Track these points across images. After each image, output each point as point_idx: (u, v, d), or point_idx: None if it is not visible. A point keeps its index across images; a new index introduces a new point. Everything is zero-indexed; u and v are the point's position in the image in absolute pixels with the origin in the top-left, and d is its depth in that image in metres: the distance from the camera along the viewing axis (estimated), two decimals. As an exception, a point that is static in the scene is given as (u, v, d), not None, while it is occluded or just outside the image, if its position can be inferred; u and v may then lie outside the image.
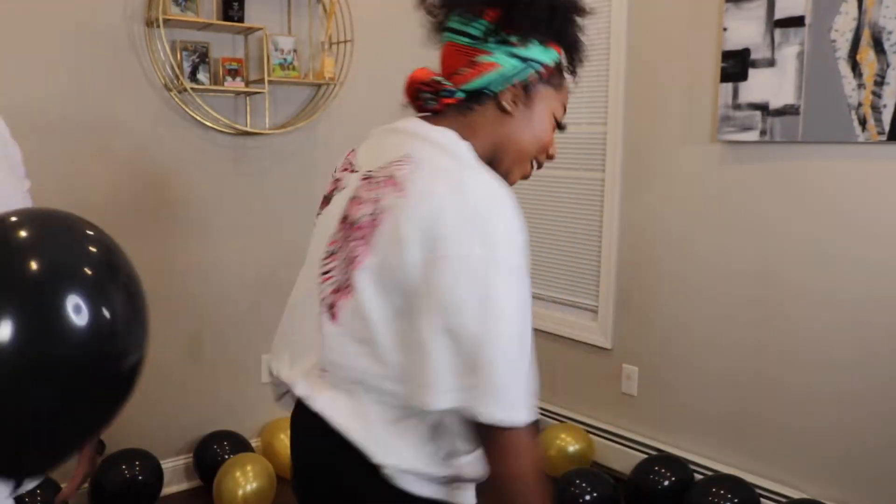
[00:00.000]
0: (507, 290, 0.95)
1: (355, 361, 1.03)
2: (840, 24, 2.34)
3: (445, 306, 0.93)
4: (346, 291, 1.03)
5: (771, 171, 2.60)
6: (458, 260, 0.94)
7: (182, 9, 2.71)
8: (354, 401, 1.04)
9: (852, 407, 2.46)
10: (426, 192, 0.97)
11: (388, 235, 0.98)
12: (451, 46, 1.11)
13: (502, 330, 0.95)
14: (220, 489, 2.70)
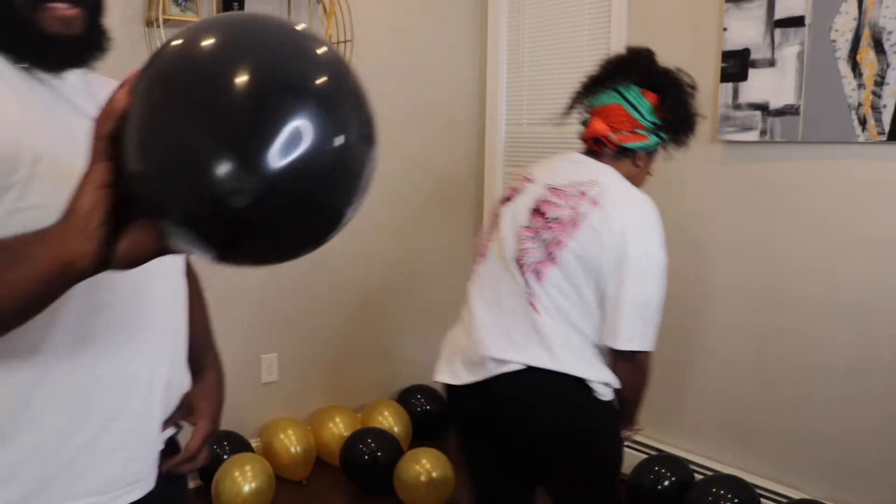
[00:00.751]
0: (664, 277, 1.65)
1: (566, 307, 1.61)
2: (840, 24, 2.34)
3: (640, 285, 1.59)
4: (549, 262, 1.61)
5: (771, 171, 2.60)
6: (646, 257, 1.61)
7: (182, 9, 2.71)
8: (566, 343, 1.61)
9: (852, 407, 2.46)
10: (618, 208, 1.62)
11: (588, 232, 1.58)
12: (621, 109, 1.73)
13: (660, 301, 1.66)
14: (220, 489, 2.70)
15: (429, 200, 3.58)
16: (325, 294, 3.30)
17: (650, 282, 1.60)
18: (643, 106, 1.71)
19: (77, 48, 0.99)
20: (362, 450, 2.93)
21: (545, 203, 1.66)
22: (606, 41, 3.09)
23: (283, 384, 3.22)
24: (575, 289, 1.60)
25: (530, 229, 1.65)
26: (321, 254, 2.78)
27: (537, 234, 1.63)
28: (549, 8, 3.34)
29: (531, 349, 1.61)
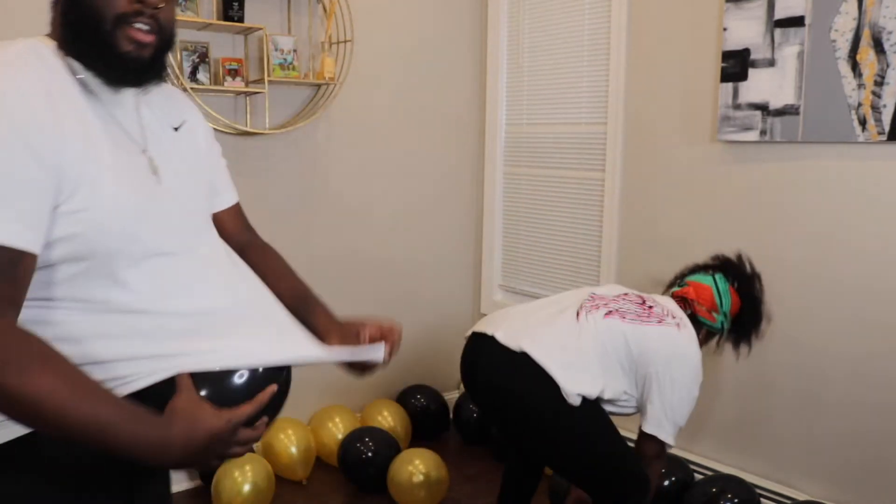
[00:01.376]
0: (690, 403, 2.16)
1: (605, 343, 2.05)
2: (840, 24, 2.34)
3: (670, 393, 2.08)
4: (621, 317, 2.08)
5: (771, 171, 2.60)
6: (680, 379, 2.10)
7: (182, 9, 2.71)
8: (569, 357, 2.02)
9: (852, 407, 2.46)
10: (686, 338, 2.09)
11: (664, 331, 2.06)
12: (710, 291, 2.19)
13: (680, 416, 2.12)
14: (219, 489, 2.69)
15: (428, 200, 3.59)
16: (325, 294, 3.29)
17: (680, 395, 2.08)
18: (727, 299, 2.18)
19: (142, 71, 1.06)
20: (360, 449, 2.93)
21: (647, 297, 2.18)
22: (606, 41, 3.09)
23: (283, 384, 3.21)
24: (620, 345, 2.02)
25: (629, 296, 2.16)
26: (321, 254, 2.81)
27: (632, 301, 2.12)
28: (549, 9, 3.34)
29: (538, 344, 2.00)
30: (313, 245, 3.23)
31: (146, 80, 1.08)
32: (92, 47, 1.01)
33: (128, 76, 1.05)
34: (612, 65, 3.06)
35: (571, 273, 3.33)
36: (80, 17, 1.01)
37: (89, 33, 1.01)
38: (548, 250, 3.40)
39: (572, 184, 3.28)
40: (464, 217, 3.71)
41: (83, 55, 1.02)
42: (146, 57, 1.05)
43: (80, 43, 1.02)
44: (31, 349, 0.91)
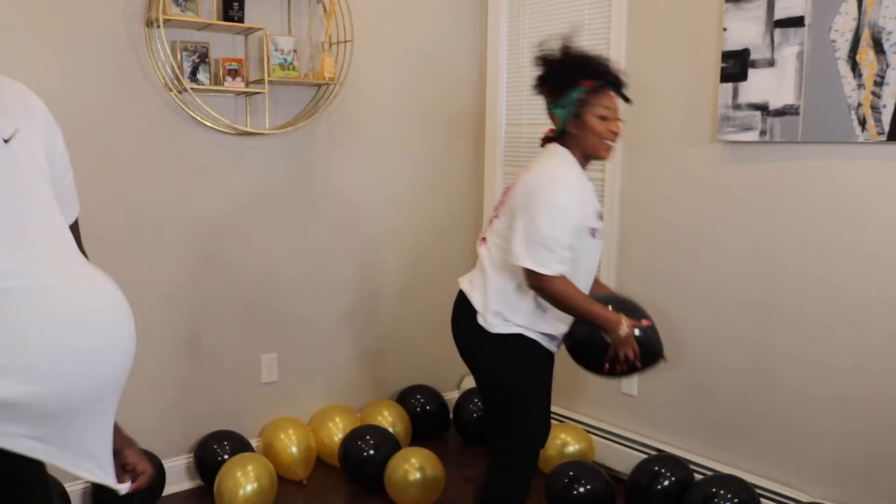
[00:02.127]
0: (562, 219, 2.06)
1: (497, 245, 2.18)
2: (840, 25, 2.34)
3: (531, 220, 2.04)
4: (496, 216, 2.23)
5: (771, 171, 2.60)
6: (542, 201, 2.04)
7: (182, 9, 2.71)
8: (481, 274, 2.22)
9: (853, 407, 2.46)
10: (529, 180, 2.12)
11: (517, 187, 2.15)
12: (549, 111, 2.20)
13: (553, 235, 2.05)
14: (221, 489, 2.70)
15: (428, 201, 3.59)
16: (325, 294, 3.30)
17: (541, 218, 2.02)
18: (547, 106, 2.22)
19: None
20: (360, 447, 2.93)
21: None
22: (606, 41, 3.09)
23: (283, 384, 3.22)
24: (507, 229, 2.12)
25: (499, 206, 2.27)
26: (321, 254, 2.81)
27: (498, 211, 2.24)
28: (549, 8, 3.34)
29: (469, 277, 2.26)
30: (313, 245, 3.24)
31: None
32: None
33: None
34: (612, 65, 3.06)
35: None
36: None
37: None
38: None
39: (572, 184, 3.28)
40: (464, 217, 3.71)
41: None
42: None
43: None
44: None
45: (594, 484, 2.69)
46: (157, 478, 2.79)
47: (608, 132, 2.11)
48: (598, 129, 2.09)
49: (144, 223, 2.81)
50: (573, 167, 2.12)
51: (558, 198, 2.03)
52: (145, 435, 2.89)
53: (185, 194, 2.88)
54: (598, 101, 2.10)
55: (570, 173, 2.10)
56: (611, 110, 2.12)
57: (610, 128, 2.11)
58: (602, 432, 3.19)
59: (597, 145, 2.11)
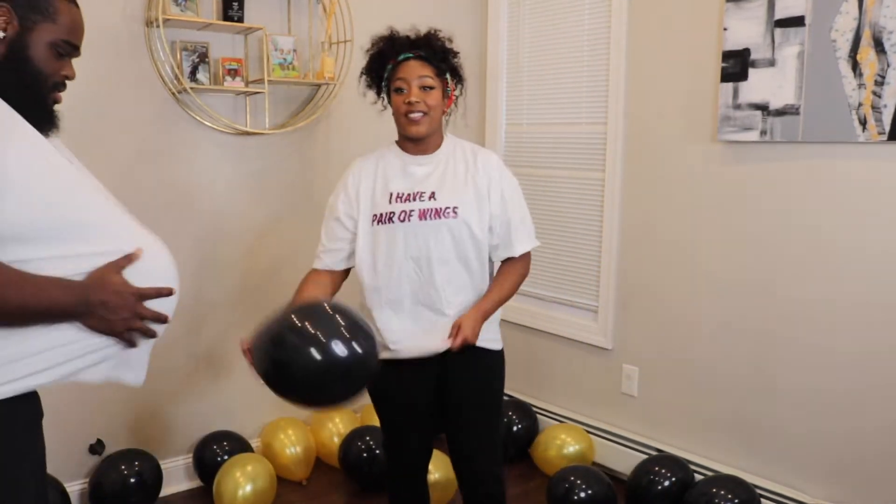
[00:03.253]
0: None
1: None
2: (840, 24, 2.34)
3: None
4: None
5: (771, 171, 2.60)
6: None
7: (182, 9, 2.70)
8: None
9: (853, 407, 2.46)
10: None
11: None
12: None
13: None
14: (220, 489, 2.69)
15: (429, 200, 3.58)
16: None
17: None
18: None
19: (54, 122, 1.44)
20: (360, 447, 2.93)
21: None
22: (606, 41, 3.09)
23: (283, 384, 3.21)
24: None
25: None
26: (321, 254, 2.60)
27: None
28: (549, 8, 3.34)
29: None
30: (313, 245, 3.23)
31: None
32: (40, 109, 1.41)
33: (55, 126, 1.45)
34: (612, 65, 3.06)
35: (572, 272, 3.33)
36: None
37: (38, 99, 1.40)
38: (548, 250, 3.40)
39: (572, 184, 3.28)
40: (464, 217, 3.71)
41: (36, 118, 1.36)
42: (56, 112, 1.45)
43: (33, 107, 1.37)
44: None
45: (595, 488, 2.68)
46: (155, 477, 2.78)
47: (403, 104, 1.98)
48: (395, 103, 2.01)
49: (143, 223, 2.80)
50: (373, 153, 2.12)
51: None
52: (145, 435, 2.89)
53: (184, 194, 2.88)
54: (394, 75, 2.02)
55: (357, 162, 2.12)
56: (406, 81, 1.98)
57: (405, 100, 1.97)
58: (602, 432, 3.19)
59: (399, 122, 2.02)
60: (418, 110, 1.94)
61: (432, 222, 1.95)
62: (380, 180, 2.03)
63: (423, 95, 1.95)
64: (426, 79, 1.97)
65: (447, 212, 1.96)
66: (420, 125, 1.96)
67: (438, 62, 2.01)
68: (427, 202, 1.96)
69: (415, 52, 1.99)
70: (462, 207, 1.97)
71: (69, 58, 1.41)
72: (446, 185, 1.99)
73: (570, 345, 3.35)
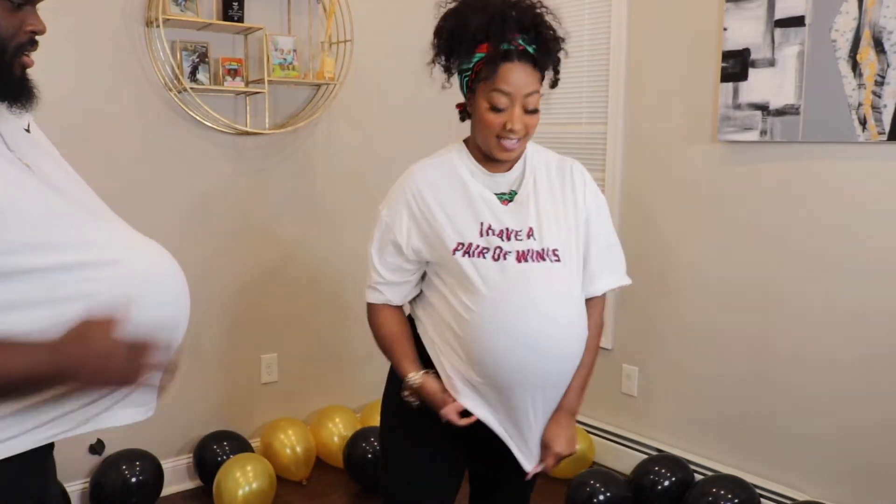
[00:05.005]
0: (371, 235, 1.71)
1: None
2: (840, 24, 2.34)
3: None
4: None
5: (771, 171, 2.60)
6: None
7: (182, 9, 2.70)
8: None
9: (853, 407, 2.46)
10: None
11: None
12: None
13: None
14: (220, 489, 2.69)
15: (429, 200, 3.58)
16: (326, 294, 3.29)
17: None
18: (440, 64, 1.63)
19: (28, 93, 1.14)
20: (365, 448, 2.93)
21: None
22: (606, 41, 3.09)
23: (283, 384, 3.22)
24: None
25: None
26: (322, 254, 2.80)
27: None
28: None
29: None
30: (313, 245, 3.23)
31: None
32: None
33: (25, 98, 1.14)
34: (613, 65, 3.06)
35: (571, 273, 3.32)
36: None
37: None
38: (548, 250, 3.40)
39: (572, 184, 3.28)
40: (464, 217, 3.71)
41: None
42: (29, 79, 1.14)
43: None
44: None
45: (614, 491, 2.66)
46: (155, 477, 2.78)
47: (498, 127, 1.50)
48: (486, 120, 1.51)
49: (144, 223, 2.79)
50: (437, 167, 1.61)
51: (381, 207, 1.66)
52: (145, 435, 2.89)
53: (184, 194, 2.88)
54: (491, 77, 1.47)
55: (413, 171, 1.63)
56: (510, 97, 1.47)
57: (507, 122, 1.49)
58: (602, 432, 3.19)
59: (486, 141, 1.54)
60: (517, 136, 1.50)
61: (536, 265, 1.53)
62: (441, 204, 1.57)
63: (526, 118, 1.49)
64: (534, 96, 1.48)
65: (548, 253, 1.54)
66: (513, 152, 1.53)
67: (549, 67, 1.52)
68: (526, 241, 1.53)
69: (520, 46, 1.44)
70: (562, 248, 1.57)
71: (29, 5, 1.10)
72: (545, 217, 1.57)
73: (570, 345, 3.34)
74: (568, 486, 2.73)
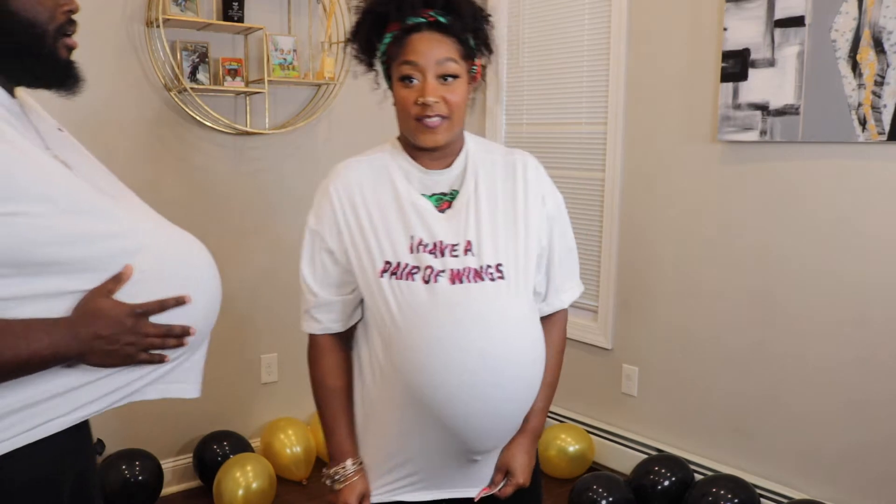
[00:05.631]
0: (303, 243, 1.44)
1: None
2: (840, 24, 2.34)
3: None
4: None
5: (771, 171, 2.60)
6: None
7: (182, 9, 2.71)
8: None
9: (853, 407, 2.46)
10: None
11: None
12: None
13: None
14: (220, 489, 2.70)
15: (429, 200, 3.58)
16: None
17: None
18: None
19: (74, 76, 1.16)
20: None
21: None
22: (606, 41, 3.09)
23: (283, 384, 3.22)
24: None
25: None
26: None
27: None
28: (548, 8, 3.34)
29: None
30: (313, 245, 3.23)
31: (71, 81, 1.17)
32: (38, 61, 1.11)
33: (69, 80, 1.16)
34: (613, 64, 3.06)
35: (571, 273, 3.33)
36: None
37: (32, 49, 1.09)
38: (548, 250, 3.40)
39: (572, 184, 3.28)
40: (464, 217, 3.71)
41: (28, 70, 1.11)
42: (74, 60, 1.16)
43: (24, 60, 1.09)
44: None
45: (616, 496, 2.66)
46: (155, 477, 2.78)
47: (414, 104, 1.34)
48: (400, 98, 1.37)
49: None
50: (367, 164, 1.47)
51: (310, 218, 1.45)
52: (145, 435, 2.89)
53: (184, 194, 2.88)
54: (399, 52, 1.34)
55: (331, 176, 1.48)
56: (417, 67, 1.32)
57: (418, 98, 1.33)
58: (602, 432, 3.19)
59: (407, 124, 1.38)
60: (437, 114, 1.33)
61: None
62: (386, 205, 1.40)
63: (443, 90, 1.33)
64: (449, 63, 1.33)
65: (489, 270, 1.35)
66: (437, 133, 1.35)
67: (466, 34, 1.35)
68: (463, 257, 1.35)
69: (430, 17, 1.32)
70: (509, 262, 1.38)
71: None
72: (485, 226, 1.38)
73: (570, 345, 3.34)
74: (571, 490, 2.74)
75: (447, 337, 1.27)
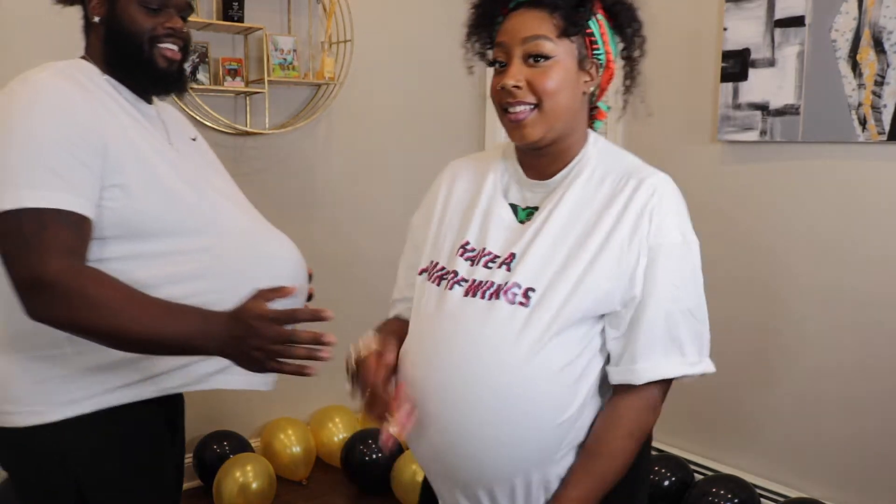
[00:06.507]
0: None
1: None
2: (840, 24, 2.34)
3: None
4: None
5: (771, 171, 2.60)
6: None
7: (182, 9, 2.71)
8: None
9: (853, 407, 2.46)
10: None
11: None
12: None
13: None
14: (220, 489, 2.70)
15: (429, 200, 3.58)
16: (325, 294, 3.29)
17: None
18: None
19: (173, 82, 1.35)
20: (363, 450, 2.93)
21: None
22: (606, 41, 3.09)
23: (283, 384, 3.21)
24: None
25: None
26: (322, 254, 2.80)
27: None
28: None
29: None
30: (313, 245, 3.22)
31: (174, 89, 1.37)
32: (136, 69, 1.30)
33: (163, 89, 1.36)
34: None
35: (571, 273, 3.32)
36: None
37: (131, 57, 1.30)
38: (548, 250, 3.40)
39: (572, 184, 3.28)
40: (464, 217, 3.71)
41: (129, 77, 1.31)
42: (174, 70, 1.33)
43: (126, 66, 1.30)
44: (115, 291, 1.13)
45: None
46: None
47: (497, 91, 1.17)
48: (491, 88, 1.20)
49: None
50: (474, 161, 1.36)
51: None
52: (145, 435, 2.89)
53: (184, 194, 2.88)
54: (495, 38, 1.21)
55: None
56: (504, 48, 1.16)
57: (499, 83, 1.16)
58: (602, 432, 3.18)
59: (501, 120, 1.21)
60: (521, 101, 1.13)
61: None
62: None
63: (530, 73, 1.13)
64: (539, 41, 1.13)
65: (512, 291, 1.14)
66: (525, 127, 1.14)
67: (567, 10, 1.14)
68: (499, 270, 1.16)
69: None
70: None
71: (165, 10, 1.30)
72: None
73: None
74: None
75: (429, 350, 1.16)
